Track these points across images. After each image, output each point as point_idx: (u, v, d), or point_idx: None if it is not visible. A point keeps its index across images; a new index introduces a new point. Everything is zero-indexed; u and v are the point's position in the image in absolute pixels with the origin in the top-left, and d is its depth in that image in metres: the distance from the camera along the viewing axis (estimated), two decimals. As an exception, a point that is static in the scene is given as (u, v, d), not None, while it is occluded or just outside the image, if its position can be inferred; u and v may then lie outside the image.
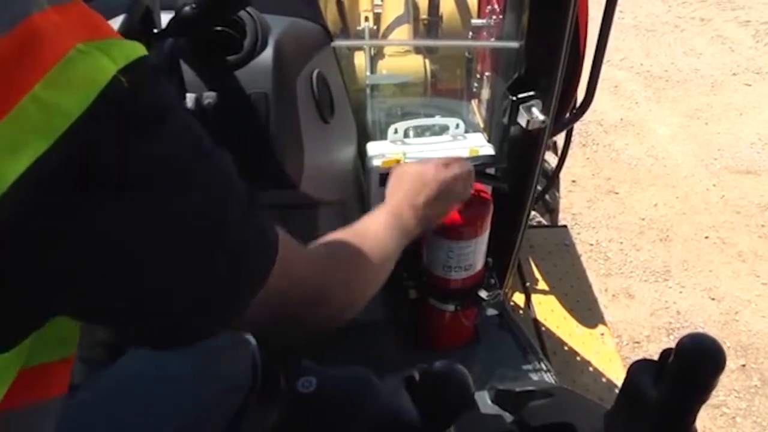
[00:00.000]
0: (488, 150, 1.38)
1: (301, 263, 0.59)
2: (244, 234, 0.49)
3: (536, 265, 2.05)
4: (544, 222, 2.33)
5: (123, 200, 0.37)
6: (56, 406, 0.46)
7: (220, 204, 0.46)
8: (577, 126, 1.60)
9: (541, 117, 1.25)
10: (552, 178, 1.94)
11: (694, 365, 0.47)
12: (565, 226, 2.32)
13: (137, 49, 0.39)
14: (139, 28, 0.88)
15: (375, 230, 0.79)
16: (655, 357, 0.54)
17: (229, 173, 0.48)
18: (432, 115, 1.46)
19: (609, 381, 1.71)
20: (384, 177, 1.34)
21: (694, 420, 0.51)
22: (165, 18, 0.89)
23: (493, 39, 1.68)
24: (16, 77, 0.32)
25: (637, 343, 2.30)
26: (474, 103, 1.86)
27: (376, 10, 1.84)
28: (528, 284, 1.97)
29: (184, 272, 0.44)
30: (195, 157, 0.43)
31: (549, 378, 1.52)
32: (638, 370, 0.55)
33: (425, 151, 1.35)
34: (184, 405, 0.80)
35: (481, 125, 1.74)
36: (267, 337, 0.66)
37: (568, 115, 1.44)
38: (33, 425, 0.44)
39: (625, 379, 0.57)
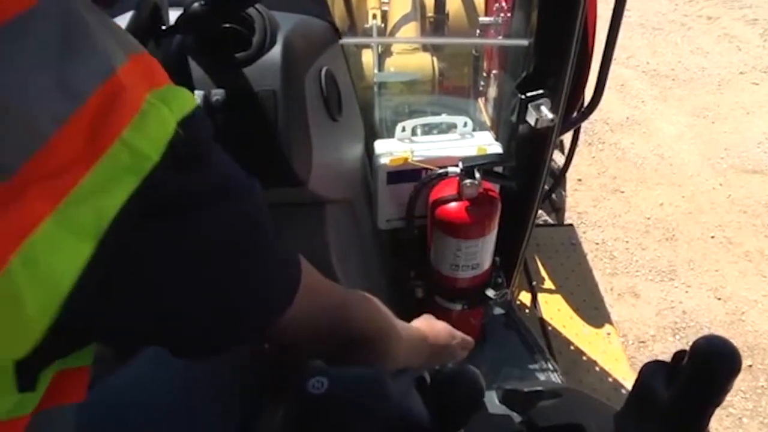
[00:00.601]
0: (496, 148, 1.37)
1: (324, 289, 0.64)
2: (278, 251, 0.53)
3: (542, 264, 2.05)
4: (551, 221, 2.33)
5: (182, 223, 0.42)
6: (72, 412, 0.47)
7: (254, 225, 0.50)
8: (584, 124, 1.59)
9: (550, 115, 1.24)
10: (559, 177, 1.93)
11: (709, 368, 0.47)
12: (571, 225, 2.31)
13: (190, 100, 0.43)
14: (148, 24, 0.88)
15: (401, 323, 0.83)
16: (661, 356, 0.53)
17: (260, 201, 0.51)
18: (439, 113, 1.45)
19: (615, 381, 1.71)
20: (391, 175, 1.34)
21: (707, 423, 0.51)
22: (173, 15, 0.88)
23: (500, 37, 1.67)
24: (109, 124, 0.36)
25: (643, 342, 2.29)
26: (481, 101, 1.86)
27: (383, 8, 1.83)
28: (534, 283, 1.97)
29: (231, 284, 0.48)
30: (233, 183, 0.48)
31: (555, 377, 1.52)
32: (650, 371, 0.55)
33: (432, 150, 1.35)
34: (196, 406, 0.80)
35: (488, 123, 1.74)
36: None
37: (576, 113, 1.43)
38: (58, 427, 0.45)
39: (636, 380, 0.56)
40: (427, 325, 1.00)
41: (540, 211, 2.22)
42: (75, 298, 0.34)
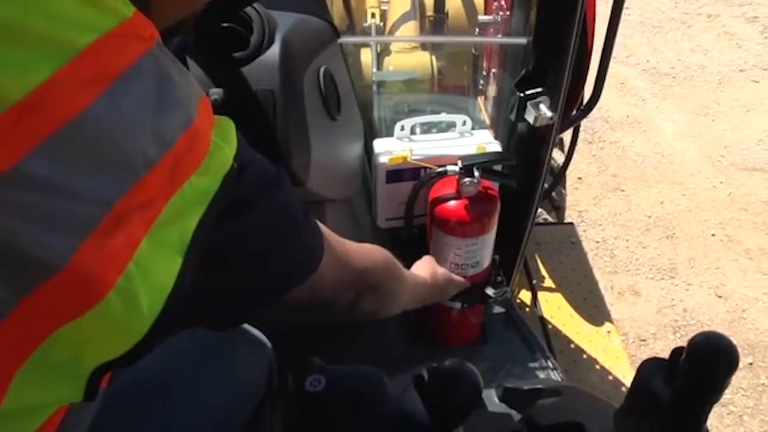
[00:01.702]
0: (495, 147, 1.37)
1: (344, 250, 0.73)
2: (308, 225, 0.62)
3: (543, 263, 2.05)
4: (551, 219, 2.33)
5: (239, 222, 0.51)
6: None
7: (291, 203, 0.59)
8: (583, 123, 1.59)
9: (549, 114, 1.24)
10: (559, 175, 1.93)
11: (706, 364, 0.47)
12: (571, 224, 2.31)
13: (234, 130, 0.51)
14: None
15: (407, 270, 0.98)
16: (662, 355, 0.53)
17: (290, 187, 0.60)
18: (438, 112, 1.45)
19: (616, 379, 1.71)
20: (391, 174, 1.34)
21: (705, 419, 0.51)
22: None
23: (500, 35, 1.67)
24: (185, 165, 0.43)
25: (643, 341, 2.29)
26: (480, 100, 1.85)
27: (382, 7, 1.83)
28: (534, 282, 1.97)
29: (275, 258, 0.58)
30: (269, 177, 0.56)
31: (556, 376, 1.52)
32: (648, 368, 0.55)
33: (432, 148, 1.35)
34: (201, 411, 0.81)
35: (488, 122, 1.74)
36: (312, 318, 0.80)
37: (575, 111, 1.43)
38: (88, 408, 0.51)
39: (635, 378, 0.56)
40: (430, 271, 1.18)
41: (540, 210, 2.21)
42: (176, 296, 0.42)
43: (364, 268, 0.78)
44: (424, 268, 1.18)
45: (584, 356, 1.78)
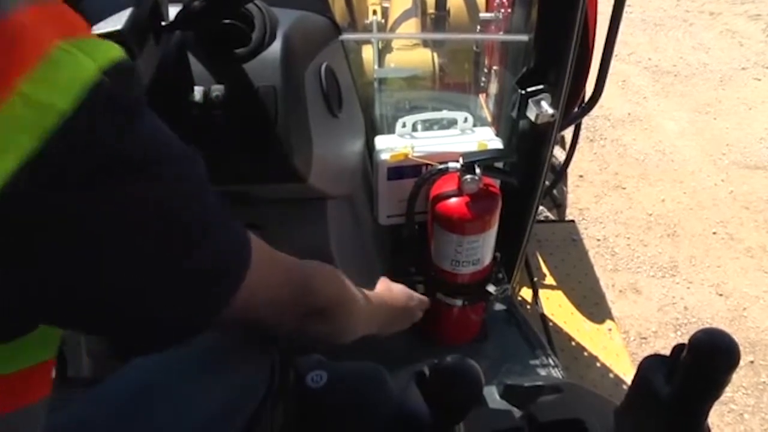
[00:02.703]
0: (496, 144, 1.37)
1: (281, 267, 0.62)
2: (220, 233, 0.49)
3: (544, 260, 2.05)
4: (552, 217, 2.33)
5: (104, 191, 0.38)
6: (41, 409, 0.45)
7: (196, 198, 0.46)
8: (585, 121, 1.59)
9: (550, 111, 1.24)
10: (560, 173, 1.93)
11: (707, 361, 0.47)
12: (572, 221, 2.31)
13: (117, 51, 0.40)
14: (148, 21, 0.88)
15: (360, 290, 0.84)
16: (663, 352, 0.53)
17: (203, 174, 0.48)
18: (440, 109, 1.45)
19: (616, 376, 1.71)
20: (392, 170, 1.34)
21: (706, 416, 0.51)
22: (173, 11, 0.88)
23: (501, 32, 1.67)
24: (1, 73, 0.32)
25: (644, 338, 2.29)
26: (482, 97, 1.85)
27: (383, 4, 1.83)
28: (535, 279, 1.97)
29: (162, 264, 0.44)
30: (170, 151, 0.44)
31: (556, 373, 1.52)
32: (649, 365, 0.55)
33: (433, 145, 1.35)
34: (202, 407, 0.80)
35: (489, 119, 1.74)
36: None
37: (576, 109, 1.43)
38: (20, 429, 0.44)
39: (636, 375, 0.56)
40: (385, 289, 1.04)
41: (541, 207, 2.22)
42: None
43: (308, 285, 0.67)
44: (378, 285, 1.07)
45: (585, 354, 1.78)
